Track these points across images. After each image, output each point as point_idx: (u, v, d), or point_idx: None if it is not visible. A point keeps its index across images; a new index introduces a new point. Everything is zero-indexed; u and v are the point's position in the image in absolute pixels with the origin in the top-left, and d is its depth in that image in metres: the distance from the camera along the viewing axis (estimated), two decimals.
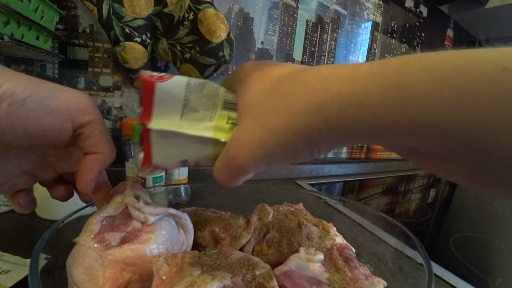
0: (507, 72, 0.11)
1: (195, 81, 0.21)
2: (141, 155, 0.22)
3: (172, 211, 0.26)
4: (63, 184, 0.25)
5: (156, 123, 0.20)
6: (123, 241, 0.22)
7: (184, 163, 0.23)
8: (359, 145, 0.17)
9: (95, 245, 0.22)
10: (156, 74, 0.20)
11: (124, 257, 0.21)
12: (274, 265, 0.25)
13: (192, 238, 0.27)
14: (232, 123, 0.21)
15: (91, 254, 0.21)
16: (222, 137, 0.20)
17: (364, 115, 0.13)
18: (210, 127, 0.21)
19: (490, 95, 0.11)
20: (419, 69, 0.12)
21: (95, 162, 0.22)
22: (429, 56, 0.13)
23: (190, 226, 0.27)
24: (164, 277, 0.20)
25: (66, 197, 0.25)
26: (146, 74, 0.20)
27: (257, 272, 0.22)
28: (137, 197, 0.25)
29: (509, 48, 0.11)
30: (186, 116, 0.21)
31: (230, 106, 0.21)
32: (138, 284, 0.21)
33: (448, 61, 0.12)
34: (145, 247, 0.22)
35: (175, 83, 0.20)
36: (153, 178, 0.40)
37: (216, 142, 0.21)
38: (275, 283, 0.22)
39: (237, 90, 0.21)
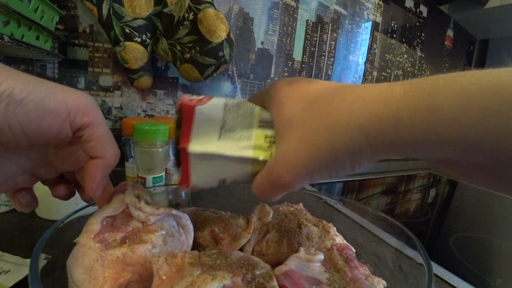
0: None
1: (232, 101, 0.22)
2: (178, 175, 0.22)
3: (173, 211, 0.26)
4: (64, 183, 0.25)
5: (195, 146, 0.21)
6: (124, 241, 0.22)
7: (222, 182, 0.23)
8: (395, 157, 0.19)
9: (96, 245, 0.21)
10: (195, 97, 0.21)
11: (124, 257, 0.21)
12: (274, 265, 0.25)
13: (192, 238, 0.27)
14: (270, 141, 0.21)
15: (91, 254, 0.21)
16: (261, 156, 0.21)
17: (399, 134, 0.15)
18: (249, 146, 0.21)
19: (510, 113, 0.13)
20: (449, 93, 0.14)
21: (98, 167, 0.22)
22: (457, 79, 0.14)
23: (190, 227, 0.27)
24: (164, 277, 0.20)
25: (67, 196, 0.25)
26: (186, 98, 0.21)
27: (257, 272, 0.22)
28: (138, 197, 0.25)
29: None
30: (224, 136, 0.21)
31: (266, 124, 0.22)
32: (138, 285, 0.21)
33: (476, 84, 0.14)
34: (145, 247, 0.22)
35: (214, 106, 0.21)
36: (153, 178, 0.40)
37: (255, 161, 0.21)
38: (275, 283, 0.22)
39: (272, 107, 0.21)
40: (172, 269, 0.21)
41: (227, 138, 0.21)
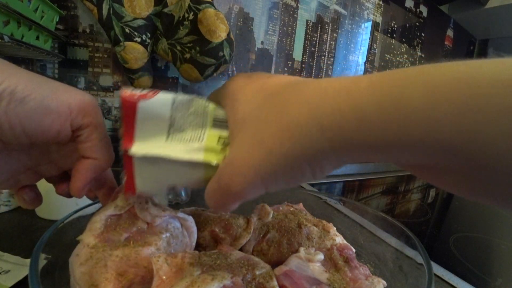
0: (507, 87, 0.10)
1: (181, 97, 0.19)
2: (124, 180, 0.20)
3: (179, 214, 0.26)
4: (68, 181, 0.25)
5: (139, 148, 0.18)
6: (128, 242, 0.22)
7: (171, 189, 0.21)
8: (363, 161, 0.17)
9: (99, 244, 0.21)
10: (138, 91, 0.18)
11: (128, 259, 0.21)
12: (274, 265, 0.25)
13: (195, 240, 0.27)
14: (223, 142, 0.19)
15: (94, 253, 0.21)
16: (214, 160, 0.18)
17: (364, 131, 0.13)
18: (200, 148, 0.19)
19: (487, 109, 0.10)
20: (417, 84, 0.12)
21: (88, 167, 0.21)
22: (428, 70, 0.12)
23: (194, 229, 0.27)
24: (164, 277, 0.20)
25: (71, 194, 0.25)
26: (127, 92, 0.18)
27: (257, 272, 0.22)
28: (144, 197, 0.25)
29: (507, 59, 0.11)
30: (173, 137, 0.19)
31: (220, 124, 0.20)
32: (140, 286, 0.21)
33: (447, 75, 0.12)
34: (149, 249, 0.22)
35: (160, 101, 0.18)
36: None
37: (207, 165, 0.19)
38: (275, 283, 0.22)
39: (227, 105, 0.19)
40: (172, 269, 0.21)
41: (176, 139, 0.19)
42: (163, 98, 0.18)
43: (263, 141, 0.15)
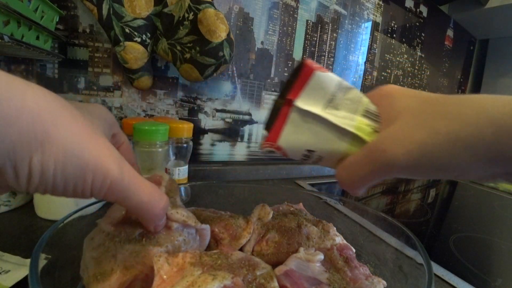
0: None
1: (345, 83, 0.22)
2: (265, 132, 0.22)
3: (200, 225, 0.26)
4: None
5: (302, 102, 0.21)
6: (141, 238, 0.22)
7: (307, 156, 0.22)
8: None
9: (114, 233, 0.22)
10: (316, 63, 0.21)
11: (136, 255, 0.21)
12: (274, 265, 0.25)
13: (205, 247, 0.27)
14: (371, 129, 0.21)
15: (106, 242, 0.21)
16: (363, 136, 0.20)
17: None
18: (351, 124, 0.21)
19: None
20: None
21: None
22: None
23: (208, 237, 0.27)
24: (164, 276, 0.20)
25: None
26: (309, 60, 0.21)
27: (258, 273, 0.22)
28: (172, 196, 0.25)
29: None
30: (328, 110, 0.21)
31: (371, 115, 0.22)
32: (142, 284, 0.21)
33: None
34: (159, 250, 0.22)
35: (330, 78, 0.21)
36: None
37: (354, 138, 0.21)
38: (275, 284, 0.22)
39: (383, 100, 0.21)
40: (173, 268, 0.21)
41: (330, 113, 0.21)
42: (333, 77, 0.21)
43: (429, 123, 0.16)
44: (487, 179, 0.18)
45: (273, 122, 0.22)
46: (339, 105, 0.21)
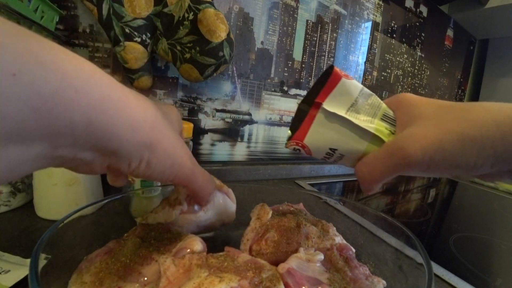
0: None
1: (366, 90, 0.24)
2: (292, 132, 0.24)
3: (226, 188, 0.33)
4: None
5: (328, 105, 0.23)
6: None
7: (329, 154, 0.25)
8: None
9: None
10: (343, 71, 0.24)
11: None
12: (273, 264, 0.25)
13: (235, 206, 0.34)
14: (389, 131, 0.23)
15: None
16: (382, 136, 0.23)
17: None
18: (371, 127, 0.23)
19: None
20: None
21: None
22: None
23: (233, 195, 0.34)
24: (171, 278, 0.20)
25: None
26: (338, 68, 0.24)
27: (264, 275, 0.22)
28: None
29: None
30: (350, 113, 0.23)
31: (388, 120, 0.24)
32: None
33: None
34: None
35: (354, 85, 0.24)
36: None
37: (373, 138, 0.23)
38: (282, 286, 0.22)
39: (399, 107, 0.24)
40: (179, 270, 0.21)
41: (352, 116, 0.23)
42: (357, 84, 0.24)
43: (443, 124, 0.19)
44: (494, 177, 0.20)
45: (299, 123, 0.24)
46: (360, 109, 0.24)
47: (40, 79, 0.12)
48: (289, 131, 0.25)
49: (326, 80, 0.23)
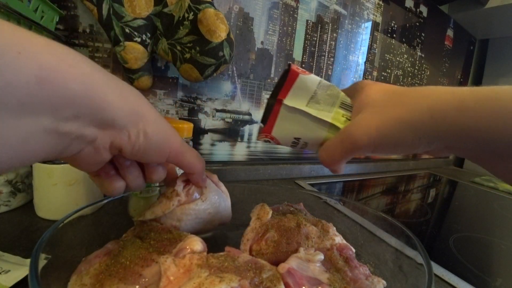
0: None
1: (324, 82, 0.26)
2: (261, 126, 0.27)
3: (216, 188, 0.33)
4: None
5: (289, 101, 0.26)
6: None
7: (294, 142, 0.27)
8: (452, 147, 0.21)
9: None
10: (300, 68, 0.26)
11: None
12: (273, 264, 0.25)
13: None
14: (345, 118, 0.26)
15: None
16: (338, 124, 0.25)
17: (463, 117, 0.18)
18: (329, 116, 0.26)
19: None
20: (509, 90, 0.17)
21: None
22: None
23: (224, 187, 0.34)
24: (171, 277, 0.20)
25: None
26: (295, 65, 0.26)
27: (264, 276, 0.22)
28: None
29: None
30: (311, 105, 0.26)
31: (346, 107, 0.26)
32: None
33: None
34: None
35: (312, 79, 0.26)
36: None
37: (330, 127, 0.26)
38: (282, 287, 0.22)
39: (355, 95, 0.26)
40: (180, 270, 0.21)
41: (313, 107, 0.26)
42: (314, 78, 0.26)
43: (385, 111, 0.21)
44: (436, 153, 0.22)
45: (267, 117, 0.27)
46: (320, 100, 0.26)
47: (39, 55, 0.15)
48: (261, 124, 0.28)
49: (286, 77, 0.26)
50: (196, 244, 0.24)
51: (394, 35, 1.02)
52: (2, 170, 0.15)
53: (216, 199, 0.32)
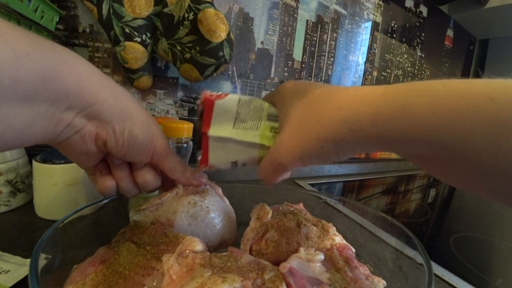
0: (494, 102, 0.14)
1: (244, 98, 0.26)
2: (199, 157, 0.27)
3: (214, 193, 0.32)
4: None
5: (213, 131, 0.25)
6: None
7: (234, 164, 0.27)
8: (376, 151, 0.23)
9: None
10: (214, 93, 0.26)
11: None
12: (273, 265, 0.25)
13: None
14: (274, 131, 0.26)
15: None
16: (266, 143, 0.25)
17: (377, 128, 0.17)
18: (257, 134, 0.25)
19: (476, 119, 0.14)
20: (422, 94, 0.16)
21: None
22: (432, 84, 0.16)
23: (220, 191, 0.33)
24: (174, 276, 0.20)
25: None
26: (207, 93, 0.26)
27: (266, 277, 0.22)
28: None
29: (498, 80, 0.14)
30: (237, 126, 0.26)
31: (272, 118, 0.26)
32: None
33: (449, 89, 0.15)
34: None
35: (230, 101, 0.26)
36: None
37: (261, 146, 0.25)
38: (284, 287, 0.22)
39: (279, 104, 0.26)
40: (183, 269, 0.21)
41: (240, 127, 0.26)
42: (232, 99, 0.26)
43: (303, 130, 0.21)
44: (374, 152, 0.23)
45: (201, 149, 0.27)
46: (245, 118, 0.26)
47: (45, 57, 0.17)
48: (199, 156, 0.27)
49: (204, 108, 0.25)
50: (196, 244, 0.24)
51: (394, 35, 1.02)
52: (8, 148, 0.18)
53: (217, 205, 0.31)
